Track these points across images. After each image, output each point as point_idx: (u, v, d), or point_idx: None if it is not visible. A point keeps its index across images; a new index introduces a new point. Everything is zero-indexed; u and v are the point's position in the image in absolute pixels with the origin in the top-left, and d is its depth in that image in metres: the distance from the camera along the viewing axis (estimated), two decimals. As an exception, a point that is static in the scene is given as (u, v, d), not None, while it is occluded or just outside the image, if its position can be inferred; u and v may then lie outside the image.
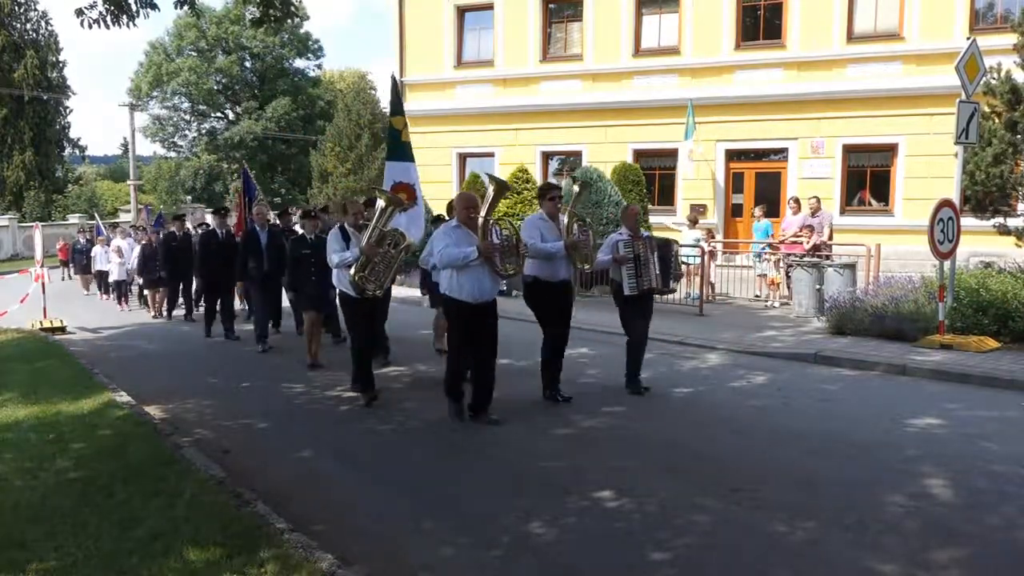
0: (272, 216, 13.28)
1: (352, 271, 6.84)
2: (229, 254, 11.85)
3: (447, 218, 8.43)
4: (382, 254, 6.94)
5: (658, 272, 7.38)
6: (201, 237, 12.52)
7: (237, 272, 10.75)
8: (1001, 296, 9.36)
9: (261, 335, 10.39)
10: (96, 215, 27.14)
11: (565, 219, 7.17)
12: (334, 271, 7.69)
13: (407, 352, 9.59)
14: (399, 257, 7.16)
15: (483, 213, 6.32)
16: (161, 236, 14.53)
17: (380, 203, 6.99)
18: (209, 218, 15.98)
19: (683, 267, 11.92)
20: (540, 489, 5.00)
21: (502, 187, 6.70)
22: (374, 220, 6.99)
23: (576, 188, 8.29)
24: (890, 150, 16.30)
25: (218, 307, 11.95)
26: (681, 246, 12.43)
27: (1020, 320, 9.05)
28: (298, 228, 11.08)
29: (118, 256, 16.50)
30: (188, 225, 15.04)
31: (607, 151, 18.24)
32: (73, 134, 45.42)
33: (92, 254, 18.57)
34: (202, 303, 13.29)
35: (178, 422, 6.75)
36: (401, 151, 9.62)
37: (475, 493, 4.97)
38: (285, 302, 11.41)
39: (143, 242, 15.44)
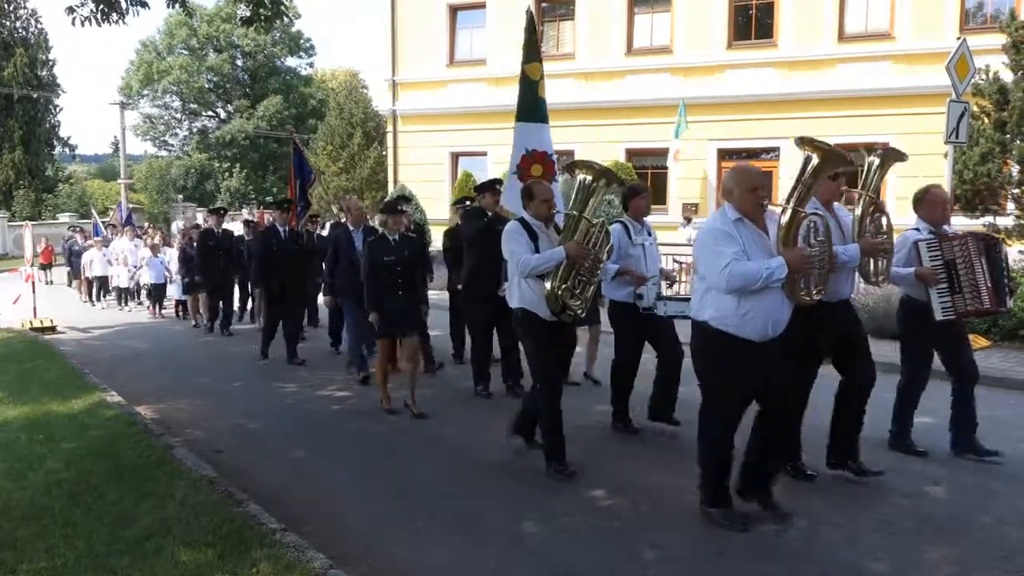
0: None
1: (548, 282, 5.02)
2: (229, 255, 11.73)
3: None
4: (590, 256, 5.08)
5: (989, 284, 5.19)
6: (200, 236, 12.15)
7: (326, 285, 8.50)
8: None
9: (361, 362, 8.30)
10: (95, 213, 25.52)
11: (858, 209, 4.99)
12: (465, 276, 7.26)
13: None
14: (604, 261, 5.32)
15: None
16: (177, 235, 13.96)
17: (582, 177, 5.14)
18: (200, 217, 15.74)
19: (676, 266, 11.97)
20: (533, 488, 5.00)
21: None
22: (573, 203, 5.17)
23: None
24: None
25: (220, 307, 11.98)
26: (677, 245, 12.49)
27: (1010, 319, 9.10)
28: (329, 230, 10.18)
29: (124, 263, 15.75)
30: (199, 223, 14.63)
31: (599, 150, 18.22)
32: (63, 133, 45.19)
33: (87, 257, 16.73)
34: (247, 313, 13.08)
35: (169, 422, 6.72)
36: (536, 109, 7.48)
37: (468, 493, 4.97)
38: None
39: (181, 244, 13.85)
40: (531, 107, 7.50)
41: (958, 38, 10.72)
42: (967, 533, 4.21)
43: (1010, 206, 11.69)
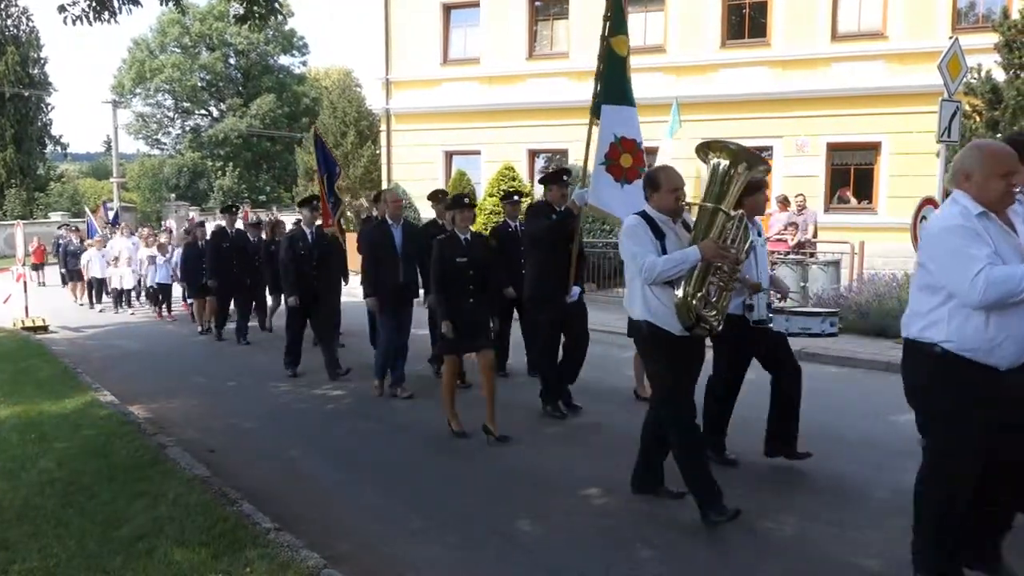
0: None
1: (679, 290, 4.17)
2: (244, 257, 11.14)
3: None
4: (731, 257, 4.18)
5: None
6: (212, 236, 11.52)
7: (367, 286, 7.46)
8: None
9: (397, 378, 7.58)
10: (88, 212, 24.23)
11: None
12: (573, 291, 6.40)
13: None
14: (744, 263, 4.45)
15: None
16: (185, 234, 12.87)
17: (716, 162, 4.27)
18: (193, 214, 15.48)
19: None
20: (528, 487, 5.00)
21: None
22: (706, 193, 4.31)
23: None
24: (873, 148, 16.42)
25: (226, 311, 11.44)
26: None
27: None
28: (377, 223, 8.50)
29: (127, 263, 15.23)
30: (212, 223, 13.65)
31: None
32: (55, 131, 44.98)
33: (86, 258, 16.15)
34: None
35: (163, 421, 6.70)
36: (625, 90, 6.47)
37: (463, 492, 4.97)
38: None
39: (187, 241, 13.20)
40: (619, 88, 6.46)
41: (950, 37, 10.75)
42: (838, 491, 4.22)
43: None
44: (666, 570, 3.82)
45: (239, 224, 12.43)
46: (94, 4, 8.69)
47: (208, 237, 11.99)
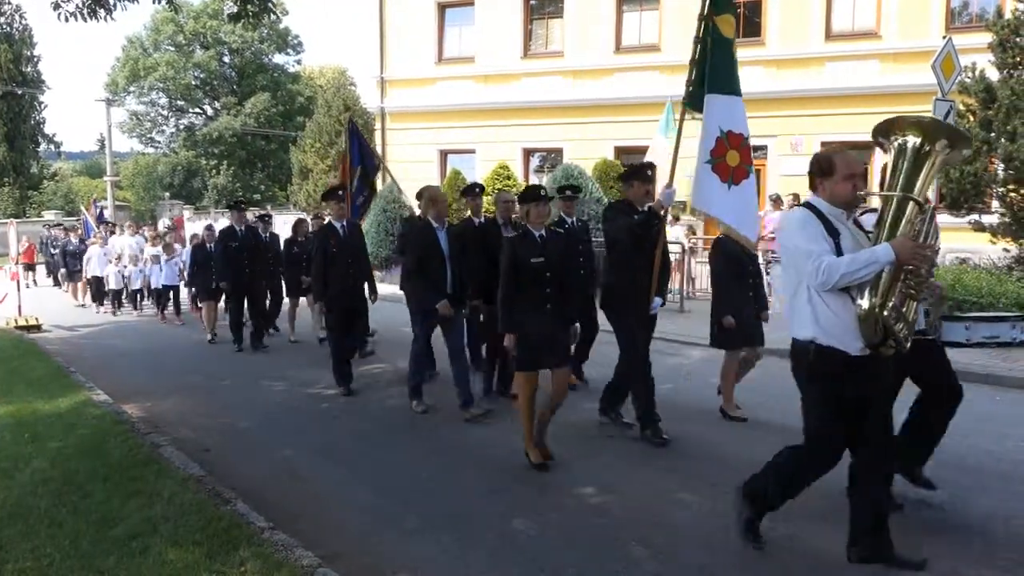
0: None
1: (865, 299, 3.46)
2: (255, 256, 10.34)
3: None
4: (929, 259, 3.56)
5: None
6: (220, 235, 10.63)
7: (418, 298, 6.84)
8: (976, 292, 9.49)
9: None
10: (84, 210, 22.98)
11: None
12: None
13: (389, 348, 9.57)
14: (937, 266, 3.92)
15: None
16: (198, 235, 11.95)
17: (903, 141, 3.58)
18: (188, 213, 15.17)
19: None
20: (523, 486, 5.00)
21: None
22: (890, 180, 3.61)
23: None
24: (868, 147, 16.46)
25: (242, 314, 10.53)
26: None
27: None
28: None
29: (133, 263, 14.44)
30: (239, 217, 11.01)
31: (588, 148, 18.26)
32: (48, 129, 44.88)
33: (87, 256, 15.37)
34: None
35: (157, 421, 6.68)
36: (731, 77, 5.77)
37: (458, 490, 4.97)
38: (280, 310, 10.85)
39: (195, 242, 12.42)
40: (726, 74, 5.70)
41: (944, 37, 10.79)
42: (953, 530, 4.25)
43: (995, 204, 11.78)
44: (662, 569, 3.82)
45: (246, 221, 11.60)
46: (88, 1, 8.66)
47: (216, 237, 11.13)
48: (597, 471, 5.19)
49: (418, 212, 7.89)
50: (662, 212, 5.65)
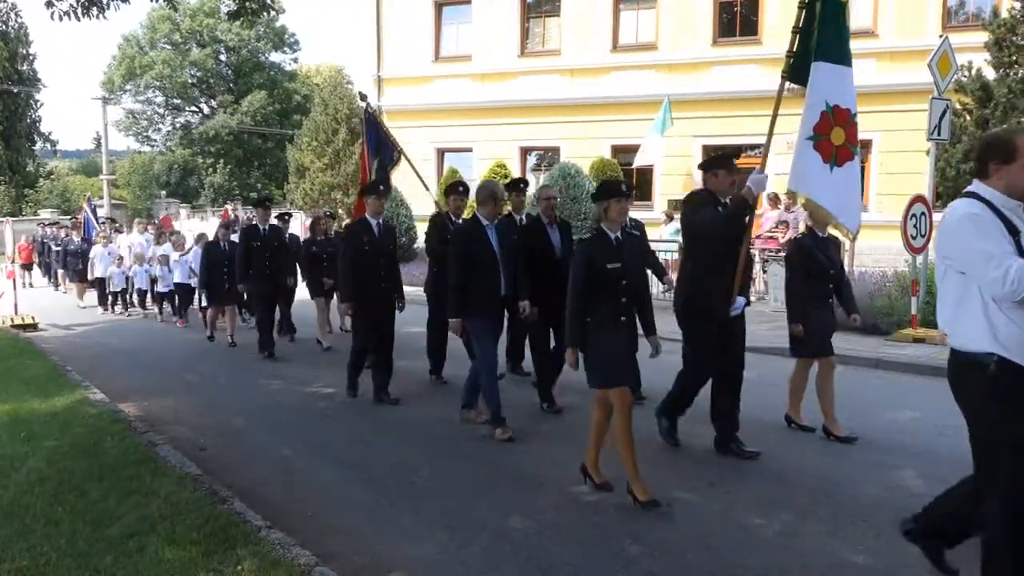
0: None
1: None
2: (278, 256, 9.71)
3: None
4: None
5: None
6: (242, 233, 10.02)
7: (454, 306, 5.98)
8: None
9: (473, 399, 6.40)
10: (87, 208, 21.45)
11: None
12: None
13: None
14: None
15: None
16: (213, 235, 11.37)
17: None
18: (183, 212, 14.88)
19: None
20: (519, 484, 5.01)
21: None
22: None
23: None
24: (864, 146, 16.48)
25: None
26: (659, 241, 12.53)
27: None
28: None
29: (138, 262, 14.06)
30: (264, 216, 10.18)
31: (585, 146, 18.27)
32: (44, 128, 44.87)
33: (92, 256, 14.89)
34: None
35: (153, 419, 6.67)
36: (843, 44, 5.15)
37: (454, 489, 4.97)
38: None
39: (206, 241, 11.96)
40: (836, 41, 5.05)
41: (940, 36, 10.81)
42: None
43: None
44: (657, 567, 3.83)
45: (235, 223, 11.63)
46: (82, 0, 8.64)
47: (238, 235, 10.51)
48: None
49: (444, 208, 7.70)
50: (753, 200, 5.12)
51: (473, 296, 5.88)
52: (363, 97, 8.99)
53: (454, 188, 7.51)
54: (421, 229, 13.93)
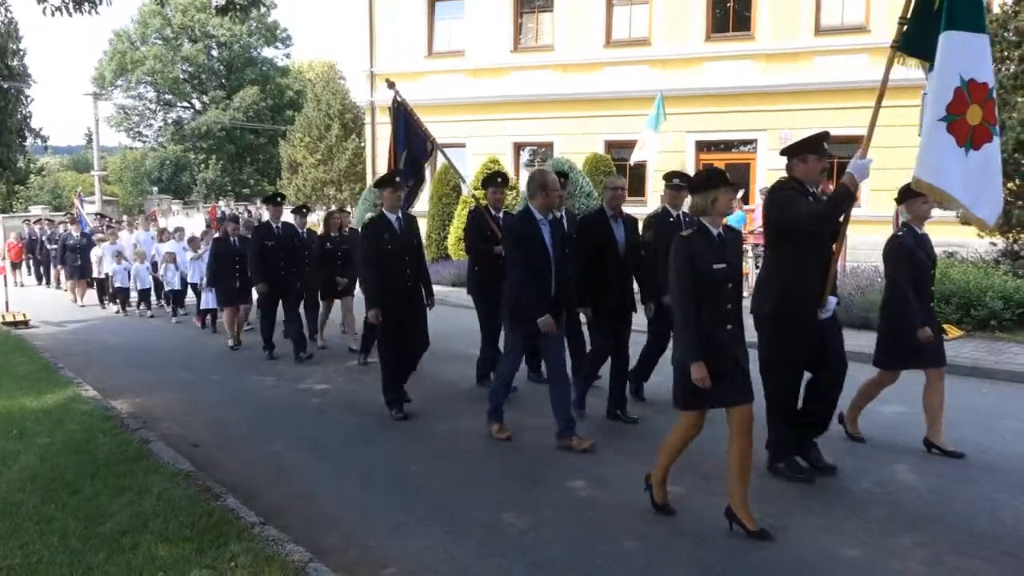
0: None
1: None
2: (294, 256, 9.22)
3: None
4: None
5: None
6: (255, 232, 9.38)
7: (519, 308, 5.48)
8: (963, 285, 9.56)
9: (495, 412, 5.92)
10: (79, 204, 20.55)
11: None
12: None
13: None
14: None
15: None
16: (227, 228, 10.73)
17: None
18: (175, 208, 14.46)
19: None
20: (513, 480, 5.01)
21: None
22: None
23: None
24: (857, 141, 16.47)
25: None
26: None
27: (982, 309, 9.24)
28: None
29: (140, 259, 13.45)
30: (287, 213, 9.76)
31: (579, 142, 18.27)
32: (35, 124, 44.41)
33: (93, 255, 14.38)
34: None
35: (146, 416, 6.66)
36: (976, 7, 4.51)
37: (448, 484, 4.97)
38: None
39: (217, 235, 11.27)
40: (972, 8, 4.46)
41: (933, 31, 10.82)
42: (938, 520, 4.28)
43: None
44: (650, 562, 3.84)
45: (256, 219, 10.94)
46: (73, -6, 8.58)
47: (249, 231, 9.93)
48: (587, 465, 5.20)
49: (484, 201, 7.33)
50: (855, 189, 4.45)
51: (539, 307, 5.36)
52: (391, 85, 7.99)
53: (492, 180, 7.10)
54: (421, 228, 13.85)
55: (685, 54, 17.74)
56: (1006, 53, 11.21)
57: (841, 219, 4.73)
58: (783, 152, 4.94)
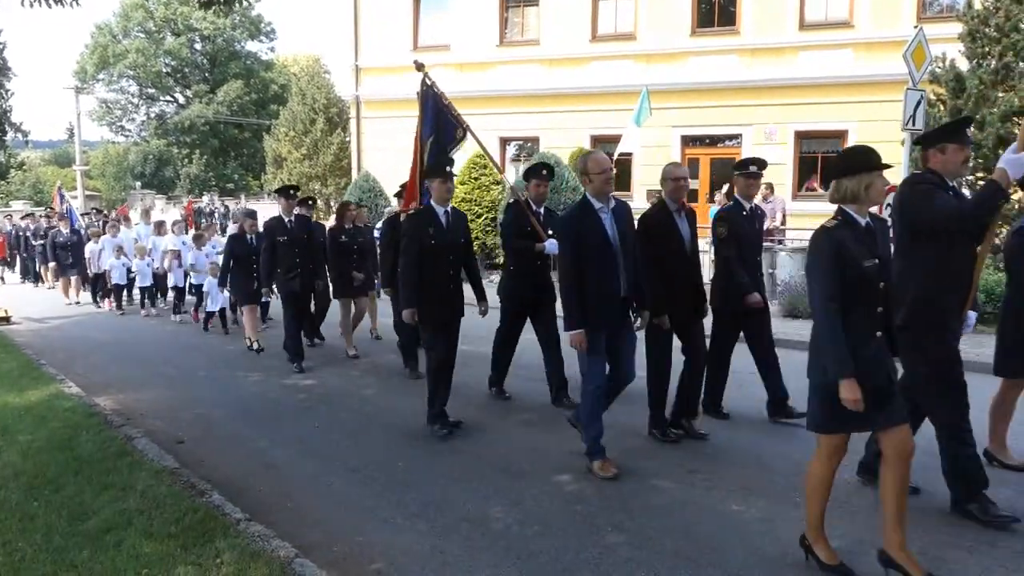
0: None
1: None
2: (310, 252, 8.69)
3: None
4: None
5: None
6: (266, 228, 8.67)
7: (577, 316, 4.80)
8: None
9: (598, 447, 5.06)
10: (66, 197, 20.01)
11: None
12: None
13: (363, 340, 9.54)
14: None
15: None
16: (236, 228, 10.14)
17: None
18: (159, 204, 14.20)
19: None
20: (499, 474, 5.02)
21: None
22: None
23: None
24: (840, 136, 16.63)
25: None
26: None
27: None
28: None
29: (142, 255, 12.93)
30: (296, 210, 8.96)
31: (565, 136, 18.27)
32: (15, 118, 43.83)
33: (88, 252, 13.94)
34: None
35: (130, 413, 6.62)
36: None
37: (433, 479, 4.97)
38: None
39: (234, 232, 10.80)
40: None
41: (915, 27, 10.91)
42: (921, 511, 4.31)
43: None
44: (636, 555, 3.86)
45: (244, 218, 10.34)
46: (53, -13, 8.46)
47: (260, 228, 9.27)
48: (574, 459, 5.21)
49: (522, 195, 6.63)
50: (1008, 185, 3.94)
51: (601, 309, 4.83)
52: (420, 67, 7.31)
53: (536, 171, 6.56)
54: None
55: (670, 49, 17.79)
56: (987, 49, 11.30)
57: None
58: (917, 141, 4.36)
